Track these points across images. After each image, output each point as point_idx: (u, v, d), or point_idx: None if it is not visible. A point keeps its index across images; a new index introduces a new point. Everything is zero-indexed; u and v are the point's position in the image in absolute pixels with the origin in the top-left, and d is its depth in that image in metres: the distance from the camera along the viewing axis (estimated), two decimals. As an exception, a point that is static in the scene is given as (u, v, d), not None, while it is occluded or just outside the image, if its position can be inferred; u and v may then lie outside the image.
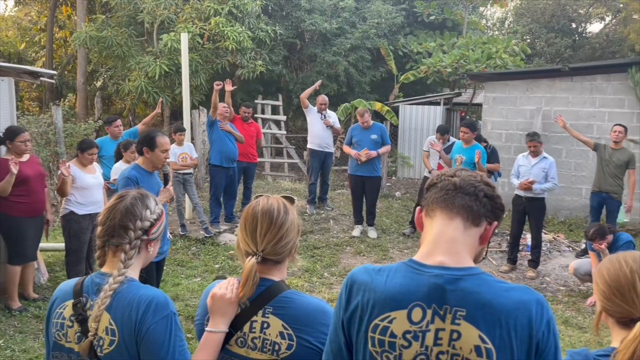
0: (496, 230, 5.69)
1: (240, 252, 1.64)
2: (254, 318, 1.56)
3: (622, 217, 7.43)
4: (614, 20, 21.63)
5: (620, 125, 6.78)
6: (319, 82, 8.76)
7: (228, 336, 1.59)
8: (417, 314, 1.24)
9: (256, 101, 12.71)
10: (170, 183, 4.25)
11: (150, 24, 12.06)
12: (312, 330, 1.54)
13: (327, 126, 8.24)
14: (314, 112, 8.32)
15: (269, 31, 12.36)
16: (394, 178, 12.57)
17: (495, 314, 1.21)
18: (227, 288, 1.60)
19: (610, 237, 5.31)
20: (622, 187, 6.66)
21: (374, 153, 7.23)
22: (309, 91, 8.38)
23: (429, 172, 7.58)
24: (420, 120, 12.56)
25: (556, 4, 20.56)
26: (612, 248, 5.28)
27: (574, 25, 21.70)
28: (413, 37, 15.16)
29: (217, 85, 7.14)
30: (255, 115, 12.22)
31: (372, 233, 7.62)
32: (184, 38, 7.88)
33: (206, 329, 1.59)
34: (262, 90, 13.70)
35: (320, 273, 6.19)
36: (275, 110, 13.16)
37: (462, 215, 1.32)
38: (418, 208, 1.43)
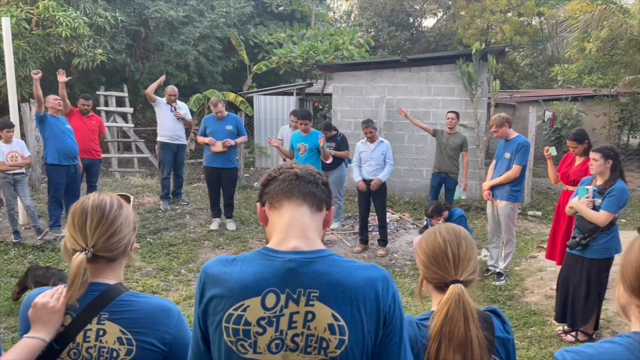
0: (349, 214, 5.97)
1: (68, 253, 1.49)
2: (88, 326, 1.45)
3: (459, 194, 8.28)
4: (445, 16, 23.85)
5: (452, 112, 7.51)
6: (162, 77, 8.35)
7: (58, 350, 1.44)
8: (270, 299, 1.26)
9: (98, 92, 11.78)
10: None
11: (-38, 6, 10.48)
12: (153, 331, 1.47)
13: (178, 118, 7.93)
14: (163, 104, 7.95)
15: (109, 17, 11.48)
16: (252, 169, 12.55)
17: (346, 292, 1.26)
18: (52, 296, 1.45)
19: (446, 213, 5.87)
20: (458, 167, 7.39)
21: (231, 141, 7.11)
22: (153, 86, 7.97)
23: (284, 160, 7.68)
24: (274, 110, 12.67)
25: (395, -1, 22.06)
26: (448, 222, 5.83)
27: (411, 20, 23.50)
28: (263, 28, 15.20)
29: (36, 74, 6.33)
30: (98, 108, 11.35)
31: (231, 225, 7.53)
32: (5, 23, 7.00)
33: (25, 335, 1.43)
34: (105, 80, 12.70)
35: (177, 270, 5.96)
36: (120, 102, 12.31)
37: (308, 202, 1.38)
38: (259, 204, 1.44)
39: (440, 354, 1.46)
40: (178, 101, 8.11)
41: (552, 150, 5.47)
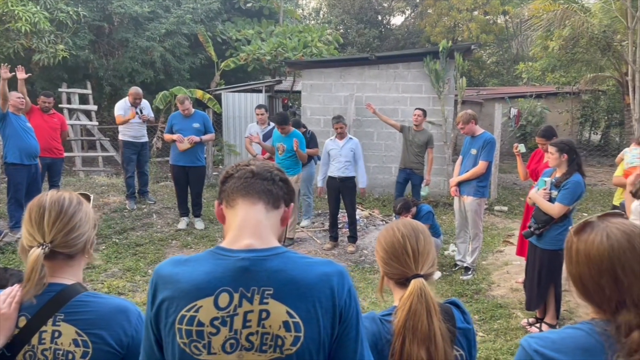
0: (319, 211, 5.94)
1: (25, 251, 1.45)
2: (44, 328, 1.42)
3: (426, 190, 8.38)
4: (413, 13, 24.09)
5: (419, 109, 7.58)
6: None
7: (9, 356, 1.40)
8: (224, 299, 1.24)
9: (60, 90, 11.45)
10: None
11: None
12: (110, 332, 1.44)
13: (144, 121, 7.80)
14: (127, 105, 7.76)
15: (70, 12, 11.16)
16: (220, 167, 12.41)
17: (301, 288, 1.25)
18: (3, 301, 1.40)
19: (414, 210, 5.92)
20: (423, 164, 7.47)
21: (197, 138, 7.02)
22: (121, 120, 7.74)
23: (254, 157, 7.61)
24: (243, 107, 12.54)
25: (363, -4, 22.17)
26: (416, 219, 5.90)
27: (380, 18, 23.65)
28: (231, 24, 15.04)
29: (5, 72, 6.11)
30: (60, 106, 11.03)
31: (199, 224, 7.43)
32: (-40, 16, 6.71)
33: None
34: (67, 77, 12.35)
35: (144, 271, 5.84)
36: (84, 100, 12.00)
37: (263, 199, 1.36)
38: (216, 202, 1.42)
39: (404, 349, 1.48)
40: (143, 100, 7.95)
41: (522, 147, 5.56)
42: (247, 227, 1.32)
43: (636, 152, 4.85)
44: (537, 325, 4.50)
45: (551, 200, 4.18)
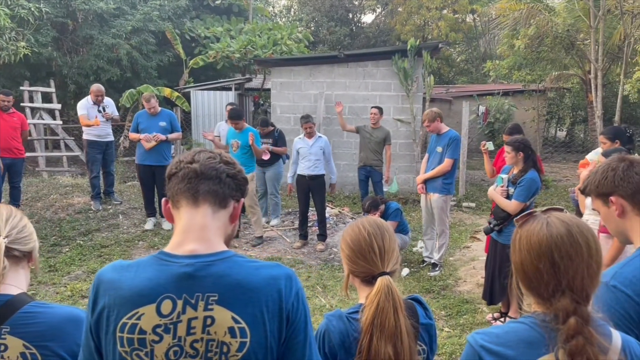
0: (289, 210, 5.89)
1: None
2: None
3: (395, 187, 8.44)
4: (384, 12, 24.20)
5: (375, 107, 7.68)
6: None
7: None
8: (166, 306, 1.21)
9: (22, 88, 11.11)
10: None
11: None
12: (60, 343, 1.40)
13: (107, 119, 7.63)
14: (90, 107, 7.58)
15: (32, 9, 10.85)
16: (189, 166, 12.24)
17: (247, 292, 1.23)
18: None
19: (382, 207, 5.95)
20: (382, 160, 7.55)
21: (162, 136, 6.92)
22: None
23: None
24: (213, 105, 12.41)
25: (334, -6, 22.16)
26: (384, 216, 5.93)
27: (350, 15, 23.69)
28: (200, 22, 14.86)
29: None
30: (22, 104, 10.72)
31: (167, 224, 7.32)
32: None
33: None
34: (29, 75, 12.01)
35: (108, 273, 5.71)
36: (47, 98, 11.68)
37: (208, 201, 1.31)
38: (164, 200, 1.38)
39: (372, 346, 1.49)
40: (106, 98, 7.78)
41: (489, 145, 5.63)
42: (191, 231, 1.28)
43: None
44: (502, 319, 4.58)
45: (509, 197, 4.26)
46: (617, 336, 1.24)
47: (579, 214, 4.52)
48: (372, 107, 7.73)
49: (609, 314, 1.35)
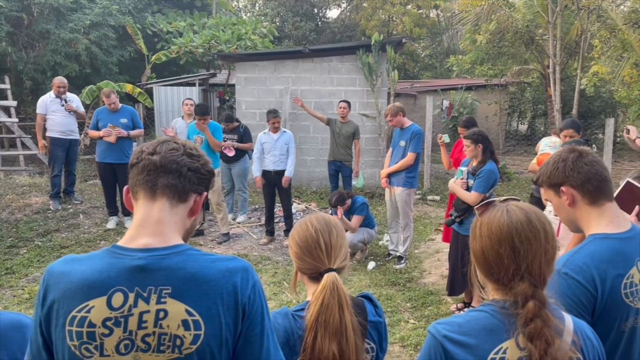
0: (256, 206, 5.80)
1: None
2: None
3: (361, 182, 8.48)
4: (349, 7, 24.25)
5: (344, 101, 7.68)
6: None
7: None
8: (117, 299, 1.19)
9: (-25, 85, 10.69)
10: None
11: None
12: (4, 351, 1.35)
13: (69, 111, 7.39)
14: (51, 99, 7.36)
15: (-16, 2, 10.44)
16: (153, 163, 12.02)
17: (201, 285, 1.21)
18: None
19: (349, 202, 5.97)
20: (351, 155, 7.57)
21: (124, 132, 6.76)
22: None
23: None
24: (177, 101, 12.22)
25: (299, -12, 22.08)
26: (351, 211, 5.95)
27: (316, 11, 23.65)
28: (162, 16, 14.58)
29: None
30: (-25, 102, 10.31)
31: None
32: None
33: None
34: (-17, 72, 11.57)
35: (68, 275, 5.56)
36: (2, 95, 11.26)
37: (166, 194, 1.29)
38: (125, 188, 1.35)
39: (316, 343, 1.47)
40: (68, 93, 7.55)
41: (445, 138, 5.71)
42: (147, 226, 1.26)
43: (549, 141, 5.11)
44: (466, 309, 4.66)
45: (468, 189, 4.33)
46: (569, 319, 1.29)
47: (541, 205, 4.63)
48: (340, 102, 7.73)
49: (562, 300, 1.40)
